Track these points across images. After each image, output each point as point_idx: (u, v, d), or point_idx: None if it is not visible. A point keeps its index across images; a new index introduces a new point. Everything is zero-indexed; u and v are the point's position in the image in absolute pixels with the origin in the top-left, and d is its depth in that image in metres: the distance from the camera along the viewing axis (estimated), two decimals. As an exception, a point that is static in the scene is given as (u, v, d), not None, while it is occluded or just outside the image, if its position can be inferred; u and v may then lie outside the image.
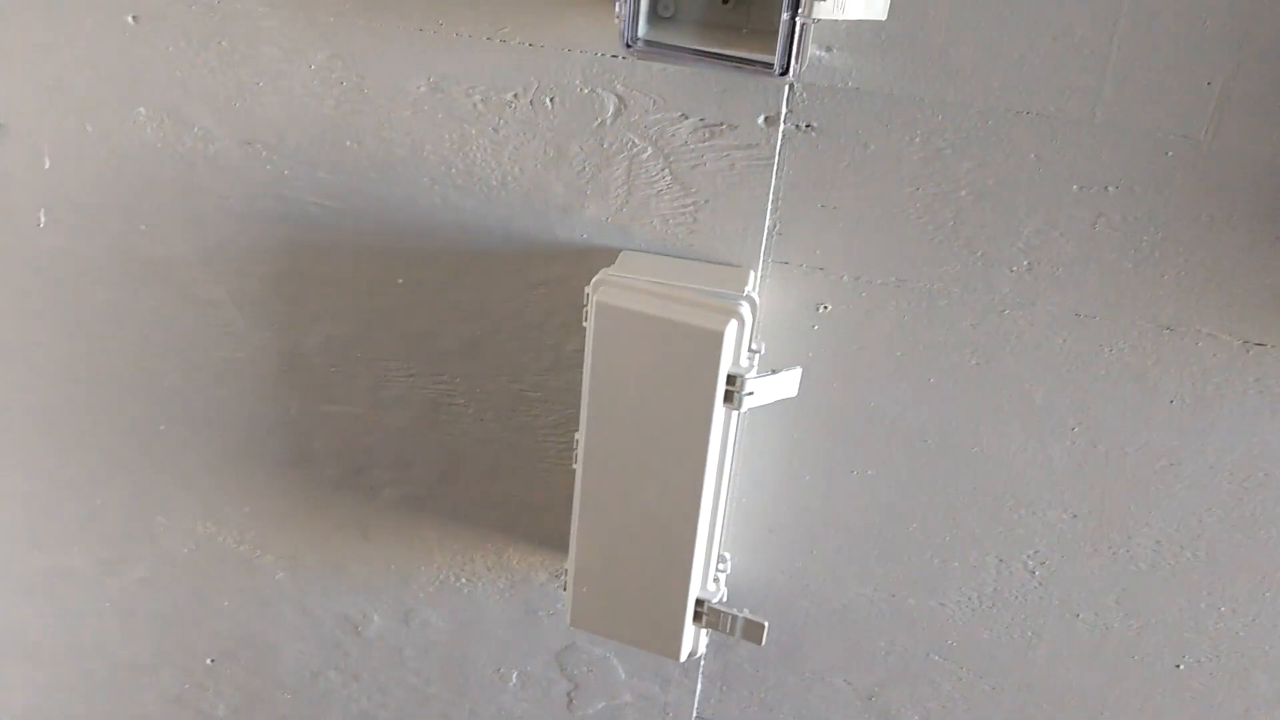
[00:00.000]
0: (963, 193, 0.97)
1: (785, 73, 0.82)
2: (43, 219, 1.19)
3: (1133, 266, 0.97)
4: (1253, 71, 0.87)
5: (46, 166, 1.15)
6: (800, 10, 0.81)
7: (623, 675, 1.33)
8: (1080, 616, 1.15)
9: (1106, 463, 1.06)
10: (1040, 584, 1.15)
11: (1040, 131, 0.93)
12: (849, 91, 0.95)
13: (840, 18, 0.84)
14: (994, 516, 1.12)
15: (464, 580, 1.32)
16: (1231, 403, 1.01)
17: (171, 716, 1.54)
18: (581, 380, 1.01)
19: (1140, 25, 0.88)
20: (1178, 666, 1.16)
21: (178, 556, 1.39)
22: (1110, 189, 0.94)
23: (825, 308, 1.05)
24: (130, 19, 1.06)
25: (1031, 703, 1.22)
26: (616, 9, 0.86)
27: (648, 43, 0.87)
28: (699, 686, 1.32)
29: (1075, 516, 1.10)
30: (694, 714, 1.34)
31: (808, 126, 0.97)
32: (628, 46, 0.86)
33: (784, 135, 0.98)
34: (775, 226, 1.02)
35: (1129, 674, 1.18)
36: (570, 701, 1.38)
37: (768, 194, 1.01)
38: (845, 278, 1.03)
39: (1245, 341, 0.98)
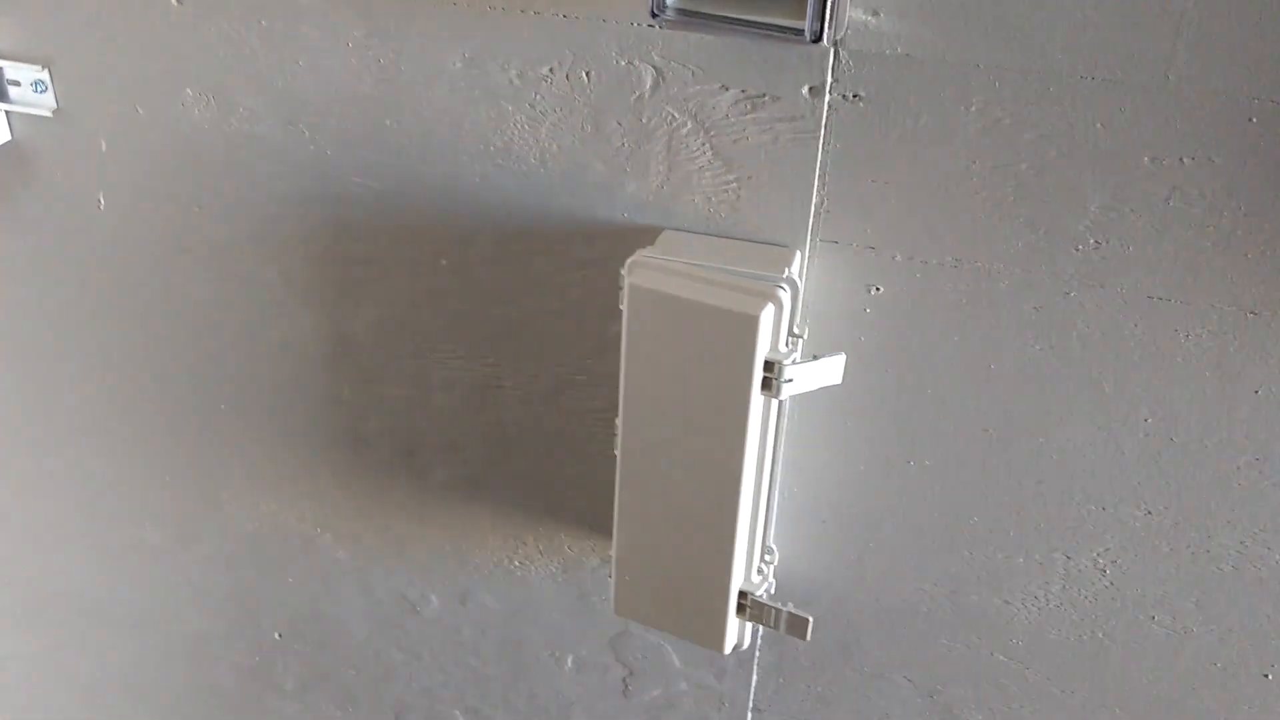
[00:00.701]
0: (1023, 166, 0.90)
1: (819, 39, 0.77)
2: (102, 201, 1.20)
3: (1212, 245, 0.89)
4: (1348, 28, 0.79)
5: (103, 149, 1.17)
6: (834, -28, 0.75)
7: (678, 663, 1.31)
8: (1156, 619, 1.08)
9: (1184, 457, 0.99)
10: (1112, 584, 1.07)
11: (1107, 99, 0.85)
12: (898, 58, 0.89)
13: (881, -21, 0.78)
14: (1061, 511, 1.05)
15: (517, 563, 1.30)
16: (1325, 394, 0.92)
17: (244, 688, 1.58)
18: (620, 364, 0.98)
19: (1219, -21, 0.80)
20: (1266, 676, 1.08)
21: (243, 533, 1.41)
22: (1185, 160, 0.86)
23: (877, 289, 0.99)
24: (174, 0, 1.06)
25: (1104, 709, 1.15)
26: (644, -24, 0.82)
27: (677, 10, 0.83)
28: (754, 678, 1.28)
29: (1150, 513, 1.02)
30: (750, 705, 1.31)
31: (855, 96, 0.91)
32: (654, 15, 0.82)
33: (830, 106, 0.92)
34: (823, 203, 0.97)
35: (1210, 682, 1.10)
36: (626, 688, 1.35)
37: (814, 169, 0.95)
38: (898, 257, 0.97)
39: (1341, 327, 0.89)
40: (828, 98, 0.92)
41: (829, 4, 0.76)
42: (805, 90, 0.92)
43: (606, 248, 1.05)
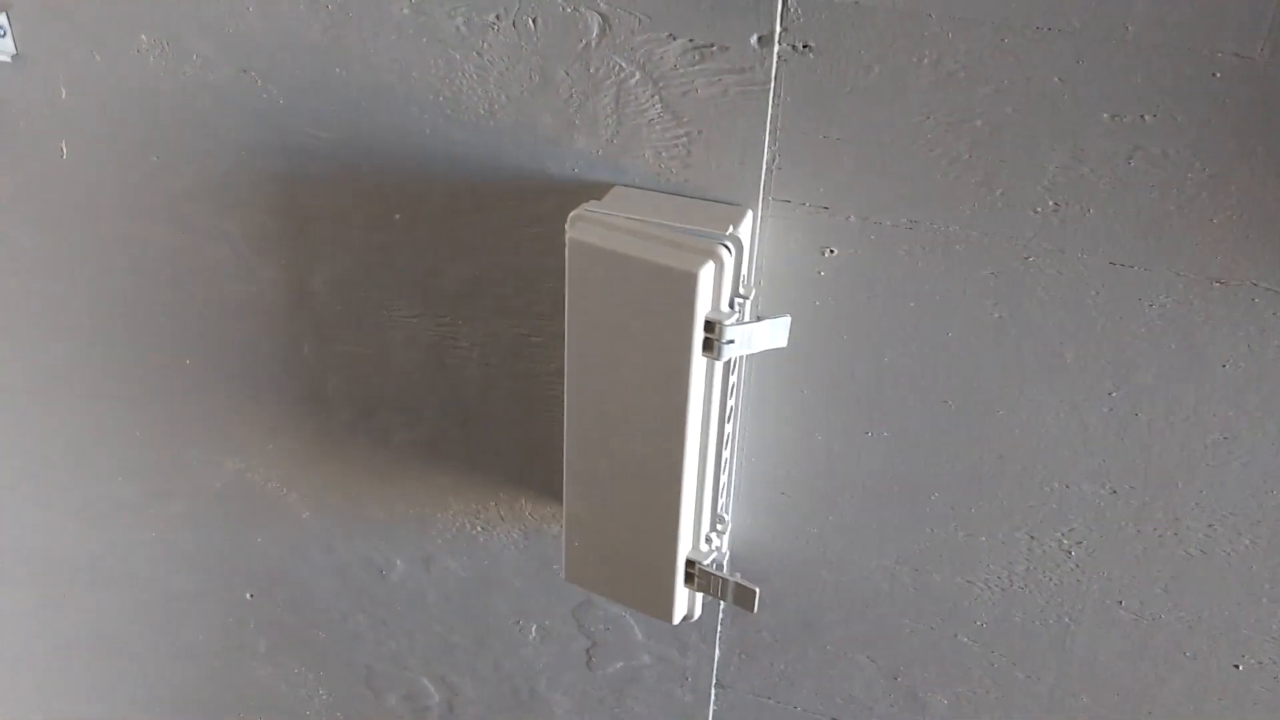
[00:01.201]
0: (978, 122, 0.86)
1: (750, -19, 0.73)
2: (65, 150, 1.19)
3: (1175, 208, 0.84)
4: (1320, -26, 0.73)
5: (63, 97, 1.15)
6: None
7: (640, 636, 1.28)
8: (1123, 604, 1.03)
9: (1150, 433, 0.94)
10: (1077, 566, 1.03)
11: (1065, 50, 0.81)
12: (848, 7, 0.85)
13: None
14: (1023, 488, 1.01)
15: (480, 529, 1.28)
16: (1296, 369, 0.87)
17: (218, 647, 1.57)
18: (566, 323, 0.95)
19: (1182, -79, 0.75)
20: (1236, 667, 1.03)
21: (212, 491, 1.40)
22: (1147, 117, 0.81)
23: (831, 251, 0.96)
24: (125, -57, 1.04)
25: (1070, 695, 1.11)
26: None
27: (612, -48, 0.80)
28: (717, 653, 1.25)
29: (1115, 493, 0.98)
30: (713, 680, 1.28)
31: (805, 47, 0.87)
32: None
33: (780, 57, 0.88)
34: (774, 160, 0.93)
35: (1180, 671, 1.05)
36: (590, 659, 1.33)
37: (764, 124, 0.91)
38: (852, 218, 0.93)
39: (1313, 298, 0.84)
40: (777, 48, 0.88)
41: (760, -58, 0.72)
42: (754, 40, 0.88)
43: (558, 203, 1.02)
